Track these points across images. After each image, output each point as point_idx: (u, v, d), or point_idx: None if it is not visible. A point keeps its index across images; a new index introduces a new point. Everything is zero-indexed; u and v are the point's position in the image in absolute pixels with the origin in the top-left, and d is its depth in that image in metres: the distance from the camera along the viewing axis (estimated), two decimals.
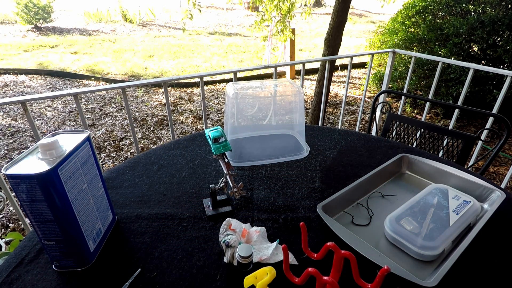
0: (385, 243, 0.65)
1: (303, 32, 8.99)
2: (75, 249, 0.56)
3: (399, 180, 0.87)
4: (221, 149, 0.79)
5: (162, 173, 0.89)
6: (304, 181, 0.85)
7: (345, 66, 5.68)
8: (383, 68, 4.03)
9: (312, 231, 0.67)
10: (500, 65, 3.15)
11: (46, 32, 7.93)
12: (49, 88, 4.88)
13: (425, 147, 1.38)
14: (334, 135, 1.12)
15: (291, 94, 1.01)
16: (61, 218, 0.52)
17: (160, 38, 8.06)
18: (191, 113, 3.98)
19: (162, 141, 3.30)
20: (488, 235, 0.64)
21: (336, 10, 2.72)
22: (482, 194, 0.75)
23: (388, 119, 1.46)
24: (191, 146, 1.05)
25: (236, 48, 7.37)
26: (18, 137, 3.29)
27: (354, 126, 3.65)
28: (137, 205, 0.76)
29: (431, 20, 3.58)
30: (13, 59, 5.87)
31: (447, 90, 3.21)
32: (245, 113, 1.05)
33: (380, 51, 2.90)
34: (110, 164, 2.87)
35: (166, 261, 0.60)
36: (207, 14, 10.82)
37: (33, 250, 0.63)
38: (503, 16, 3.01)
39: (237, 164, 0.93)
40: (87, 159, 0.58)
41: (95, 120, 3.72)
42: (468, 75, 1.94)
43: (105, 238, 0.65)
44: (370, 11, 12.14)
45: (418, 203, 0.70)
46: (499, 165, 2.74)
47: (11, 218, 2.15)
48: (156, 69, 5.79)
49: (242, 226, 0.65)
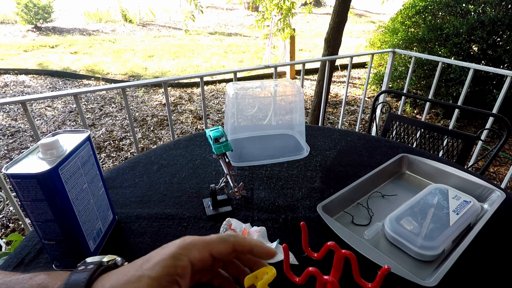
0: (385, 243, 0.65)
1: (303, 32, 8.99)
2: (75, 249, 0.56)
3: (399, 180, 0.87)
4: (222, 149, 0.79)
5: (162, 173, 0.89)
6: (304, 181, 0.85)
7: (345, 66, 5.67)
8: (383, 68, 4.03)
9: (312, 231, 0.67)
10: (500, 65, 3.15)
11: (46, 32, 7.93)
12: (49, 88, 4.88)
13: (425, 147, 1.38)
14: (334, 135, 1.12)
15: (291, 94, 1.01)
16: (61, 217, 0.52)
17: (160, 38, 8.06)
18: (191, 113, 3.98)
19: (162, 141, 3.30)
20: (488, 235, 0.64)
21: (336, 10, 2.72)
22: (482, 194, 0.75)
23: (388, 119, 1.46)
24: (191, 146, 1.05)
25: (236, 48, 7.37)
26: (18, 137, 3.30)
27: (354, 126, 3.66)
28: (137, 205, 0.76)
29: (431, 20, 3.58)
30: (13, 59, 5.87)
31: (447, 90, 3.21)
32: (245, 113, 1.05)
33: (380, 51, 2.91)
34: (110, 164, 2.87)
35: None
36: (207, 14, 10.82)
37: (33, 250, 0.63)
38: (503, 16, 3.01)
39: (237, 164, 0.93)
40: (87, 159, 0.58)
41: (95, 120, 3.72)
42: (468, 75, 1.94)
43: (105, 238, 0.65)
44: (370, 11, 12.14)
45: (418, 203, 0.70)
46: (499, 165, 2.74)
47: (11, 218, 2.16)
48: (156, 69, 5.79)
49: (242, 226, 0.66)
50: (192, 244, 0.34)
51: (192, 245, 0.34)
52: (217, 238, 0.35)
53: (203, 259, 0.34)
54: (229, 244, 0.35)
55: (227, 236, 0.36)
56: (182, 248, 0.33)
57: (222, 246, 0.35)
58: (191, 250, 0.33)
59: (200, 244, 0.34)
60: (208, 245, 0.34)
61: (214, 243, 0.35)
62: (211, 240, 0.35)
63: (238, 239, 0.36)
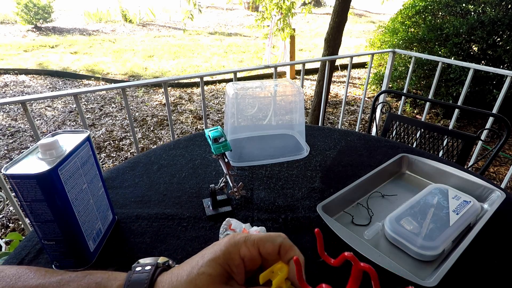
0: (385, 243, 0.65)
1: (303, 32, 8.99)
2: (75, 249, 0.56)
3: (399, 180, 0.87)
4: (221, 149, 0.79)
5: (162, 173, 0.89)
6: (304, 181, 0.85)
7: (345, 66, 5.67)
8: (383, 68, 4.03)
9: (312, 231, 0.67)
10: (500, 65, 3.15)
11: (46, 32, 7.93)
12: (49, 88, 4.88)
13: (425, 147, 1.38)
14: (334, 135, 1.12)
15: (291, 94, 1.01)
16: (61, 218, 0.52)
17: (160, 38, 8.06)
18: (191, 113, 3.98)
19: (162, 141, 3.30)
20: (488, 235, 0.64)
21: (336, 10, 2.72)
22: (482, 194, 0.75)
23: (388, 119, 1.46)
24: (191, 146, 1.05)
25: (236, 48, 7.37)
26: (18, 137, 3.30)
27: (354, 126, 3.66)
28: (137, 205, 0.76)
29: (431, 20, 3.58)
30: (13, 59, 5.87)
31: (447, 90, 3.21)
32: (245, 113, 1.05)
33: (380, 51, 2.91)
34: (110, 164, 2.87)
35: None
36: (207, 14, 10.82)
37: (33, 250, 0.63)
38: (503, 16, 3.01)
39: (237, 164, 0.93)
40: (87, 159, 0.58)
41: (95, 120, 3.72)
42: (468, 75, 1.94)
43: (105, 238, 0.65)
44: (370, 11, 12.14)
45: (418, 203, 0.70)
46: (499, 165, 2.74)
47: (11, 218, 2.16)
48: (156, 69, 5.79)
49: (242, 226, 0.65)
50: (241, 242, 0.34)
51: (242, 242, 0.34)
52: (265, 236, 0.35)
53: (253, 257, 0.34)
54: (276, 244, 0.35)
55: (275, 236, 0.36)
56: (233, 246, 0.34)
57: (270, 245, 0.34)
58: (242, 247, 0.34)
59: (249, 241, 0.34)
60: (257, 243, 0.34)
61: (262, 241, 0.35)
62: (259, 238, 0.35)
63: (285, 242, 0.35)
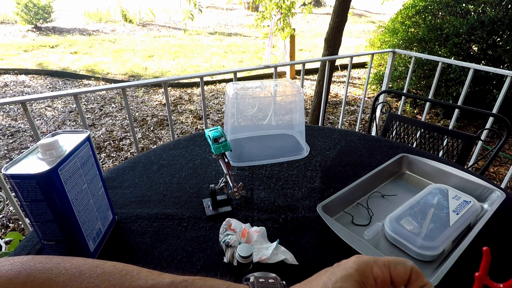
0: (385, 243, 0.65)
1: (303, 32, 8.99)
2: (75, 249, 0.56)
3: (399, 180, 0.87)
4: (221, 149, 0.79)
5: (162, 173, 0.89)
6: (304, 181, 0.85)
7: (345, 66, 5.67)
8: (383, 68, 4.03)
9: (312, 231, 0.67)
10: (500, 65, 3.15)
11: (46, 32, 7.92)
12: (49, 88, 4.88)
13: (425, 147, 1.38)
14: (334, 135, 1.12)
15: (291, 94, 1.01)
16: (61, 218, 0.52)
17: (160, 38, 8.06)
18: (191, 113, 3.98)
19: (162, 141, 3.30)
20: (488, 235, 0.64)
21: (336, 10, 2.72)
22: (482, 194, 0.75)
23: (388, 119, 1.46)
24: (191, 146, 1.05)
25: (236, 48, 7.36)
26: (18, 137, 3.29)
27: (354, 126, 3.65)
28: (137, 205, 0.76)
29: (431, 20, 3.58)
30: (13, 59, 5.87)
31: (447, 90, 3.21)
32: (245, 113, 1.05)
33: (380, 51, 2.91)
34: (110, 164, 2.87)
35: (166, 261, 0.60)
36: (207, 14, 10.82)
37: (33, 250, 0.63)
38: (503, 16, 3.01)
39: (237, 164, 0.93)
40: (87, 159, 0.58)
41: (95, 120, 3.72)
42: (468, 75, 1.93)
43: (105, 238, 0.65)
44: (370, 11, 12.14)
45: (418, 203, 0.70)
46: (499, 165, 2.74)
47: (11, 218, 2.15)
48: (156, 69, 5.79)
49: (242, 226, 0.65)
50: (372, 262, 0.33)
51: (372, 262, 0.33)
52: (395, 259, 0.33)
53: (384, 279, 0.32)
54: (408, 268, 0.32)
55: (404, 259, 0.34)
56: (365, 264, 0.32)
57: (401, 268, 0.32)
58: (373, 267, 0.32)
59: (379, 262, 0.33)
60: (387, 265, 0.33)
61: (393, 263, 0.33)
62: (389, 260, 0.33)
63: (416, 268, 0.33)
